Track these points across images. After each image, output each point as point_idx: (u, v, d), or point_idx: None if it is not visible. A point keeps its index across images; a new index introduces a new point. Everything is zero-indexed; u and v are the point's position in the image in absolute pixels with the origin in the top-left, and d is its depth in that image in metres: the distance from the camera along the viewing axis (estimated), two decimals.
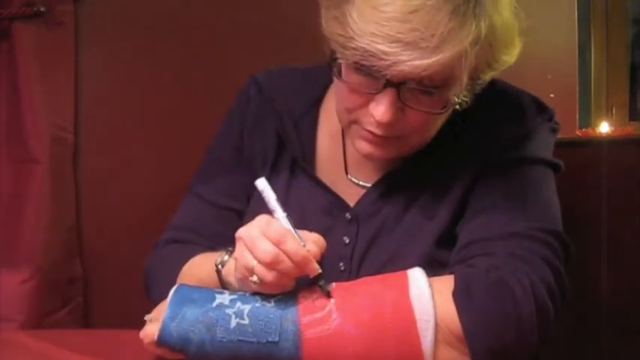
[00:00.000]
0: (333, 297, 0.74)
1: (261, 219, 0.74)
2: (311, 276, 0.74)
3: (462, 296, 0.72)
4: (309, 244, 0.73)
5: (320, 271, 0.73)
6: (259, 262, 0.71)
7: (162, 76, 1.49)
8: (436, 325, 0.70)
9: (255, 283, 0.72)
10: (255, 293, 0.76)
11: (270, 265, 0.71)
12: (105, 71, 1.47)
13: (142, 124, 1.49)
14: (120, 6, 1.46)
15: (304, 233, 0.75)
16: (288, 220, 0.75)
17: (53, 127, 1.39)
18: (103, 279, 1.48)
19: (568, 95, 1.68)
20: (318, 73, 0.98)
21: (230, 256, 0.81)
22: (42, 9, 1.34)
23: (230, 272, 0.79)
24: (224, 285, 0.81)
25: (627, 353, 1.27)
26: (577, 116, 1.72)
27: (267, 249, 0.71)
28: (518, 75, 0.90)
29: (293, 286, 0.75)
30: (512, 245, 0.78)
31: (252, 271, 0.72)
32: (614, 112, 1.86)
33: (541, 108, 0.91)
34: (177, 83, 1.49)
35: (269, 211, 0.76)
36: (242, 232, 0.74)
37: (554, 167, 0.90)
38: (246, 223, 0.74)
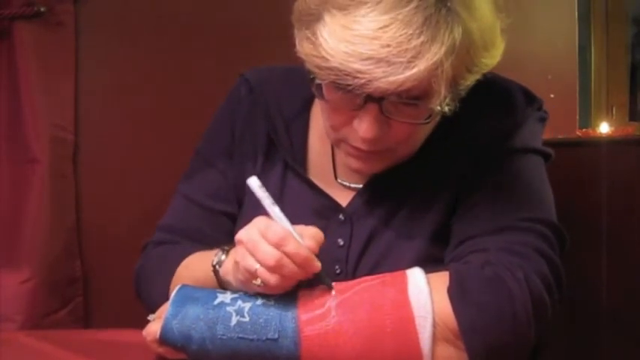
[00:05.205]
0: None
1: (260, 221, 0.73)
2: (313, 273, 0.73)
3: (456, 293, 0.72)
4: (306, 239, 0.73)
5: (320, 267, 0.73)
6: (262, 265, 0.71)
7: (162, 76, 1.49)
8: (434, 321, 0.71)
9: (258, 285, 0.72)
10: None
11: (274, 269, 0.70)
12: (105, 71, 1.47)
13: (142, 124, 1.49)
14: (120, 6, 1.46)
15: (301, 228, 0.74)
16: (284, 217, 0.74)
17: (53, 127, 1.39)
18: (103, 279, 1.48)
19: (568, 95, 1.67)
20: (308, 72, 0.97)
21: (227, 255, 0.80)
22: (42, 9, 1.34)
23: (228, 272, 0.79)
24: (222, 285, 0.81)
25: (627, 353, 1.27)
26: (577, 116, 1.71)
27: (269, 252, 0.70)
28: (519, 75, 0.90)
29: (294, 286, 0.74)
30: (505, 239, 0.78)
31: (255, 275, 0.71)
32: (614, 112, 1.87)
33: (530, 98, 0.89)
34: (177, 83, 1.49)
35: (264, 213, 0.75)
36: (242, 236, 0.73)
37: (545, 156, 0.89)
38: (242, 226, 0.72)
